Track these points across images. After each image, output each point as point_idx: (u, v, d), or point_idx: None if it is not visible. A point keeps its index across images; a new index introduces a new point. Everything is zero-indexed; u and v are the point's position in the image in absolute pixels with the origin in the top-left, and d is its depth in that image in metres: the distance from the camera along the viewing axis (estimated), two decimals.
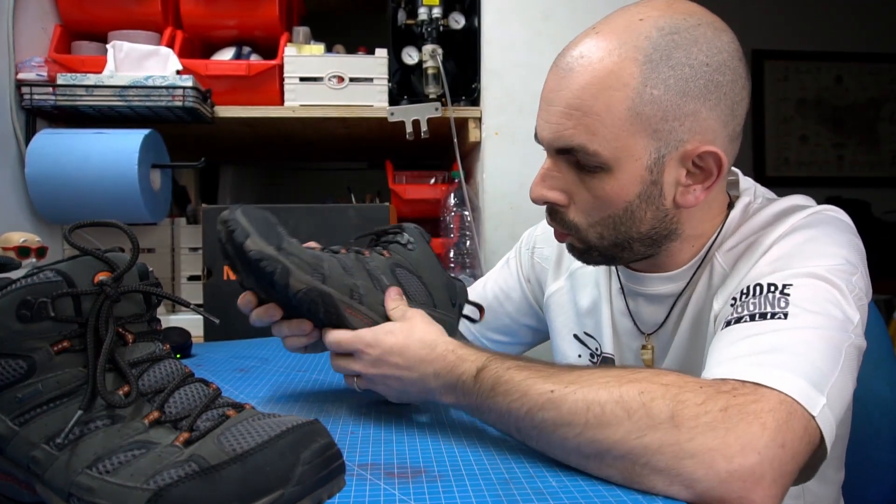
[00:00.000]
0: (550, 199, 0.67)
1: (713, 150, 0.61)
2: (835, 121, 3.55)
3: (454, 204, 1.47)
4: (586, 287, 0.83)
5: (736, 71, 0.63)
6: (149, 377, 0.41)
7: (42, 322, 0.38)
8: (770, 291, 0.58)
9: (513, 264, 0.95)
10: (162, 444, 0.38)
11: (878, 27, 3.50)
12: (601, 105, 0.60)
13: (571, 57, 0.63)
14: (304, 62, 1.41)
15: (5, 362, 0.38)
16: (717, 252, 0.68)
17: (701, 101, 0.61)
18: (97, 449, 0.37)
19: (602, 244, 0.67)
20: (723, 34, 0.63)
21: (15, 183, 1.28)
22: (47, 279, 0.39)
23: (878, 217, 3.25)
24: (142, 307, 0.43)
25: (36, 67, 1.29)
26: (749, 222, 0.67)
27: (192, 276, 1.42)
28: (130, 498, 0.35)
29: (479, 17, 1.42)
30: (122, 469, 0.36)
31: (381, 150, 1.75)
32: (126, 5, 1.43)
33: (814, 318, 0.55)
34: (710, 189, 0.64)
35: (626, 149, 0.61)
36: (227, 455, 0.36)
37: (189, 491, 0.35)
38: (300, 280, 0.62)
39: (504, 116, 1.42)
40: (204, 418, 0.39)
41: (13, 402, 0.38)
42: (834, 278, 0.58)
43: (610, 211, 0.64)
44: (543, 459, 0.54)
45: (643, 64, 0.59)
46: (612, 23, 0.63)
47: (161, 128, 1.35)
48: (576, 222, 0.67)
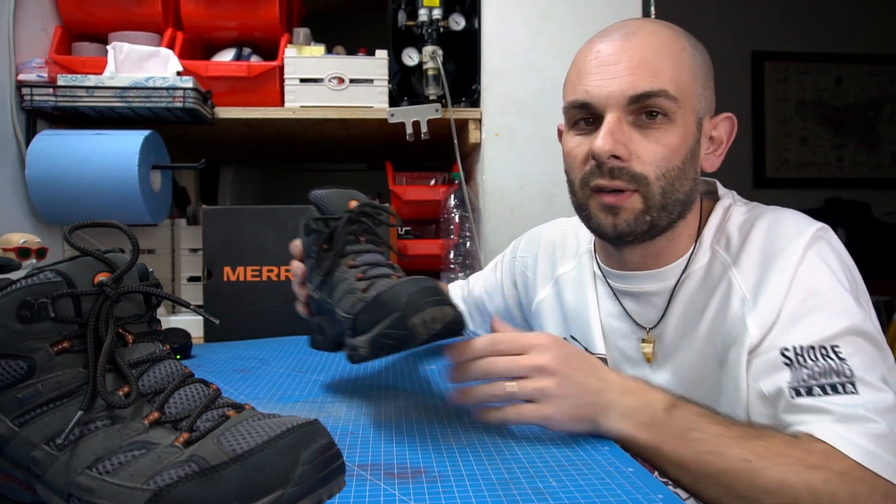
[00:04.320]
0: (619, 152, 0.69)
1: (730, 115, 0.75)
2: (835, 122, 3.56)
3: (454, 205, 1.47)
4: (570, 292, 0.86)
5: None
6: (149, 378, 0.41)
7: (42, 323, 0.38)
8: (825, 356, 0.61)
9: (498, 270, 1.00)
10: (162, 444, 0.37)
11: (878, 28, 3.50)
12: (672, 60, 0.70)
13: (625, 30, 0.72)
14: (305, 63, 1.41)
15: (5, 363, 0.38)
16: (717, 246, 0.73)
17: (711, 83, 0.74)
18: (97, 449, 0.37)
19: (660, 202, 0.70)
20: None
21: (15, 184, 1.28)
22: (47, 280, 0.39)
23: (878, 218, 3.26)
24: (142, 308, 0.43)
25: (36, 68, 1.29)
26: (752, 237, 0.71)
27: (192, 276, 1.42)
28: (130, 498, 0.35)
29: (480, 19, 1.42)
30: (122, 469, 0.36)
31: (382, 151, 1.75)
32: (126, 6, 1.43)
33: (877, 388, 0.59)
34: (721, 156, 0.76)
35: (689, 100, 0.70)
36: (226, 455, 0.36)
37: (189, 491, 0.35)
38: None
39: (504, 118, 1.42)
40: (204, 419, 0.39)
41: (13, 402, 0.38)
42: (860, 324, 0.63)
43: (675, 162, 0.70)
44: (543, 459, 0.54)
45: (688, 40, 0.73)
46: (646, 20, 0.74)
47: (161, 129, 1.35)
48: (644, 174, 0.69)
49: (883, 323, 2.41)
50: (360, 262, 0.67)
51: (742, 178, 3.50)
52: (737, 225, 0.73)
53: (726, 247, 0.72)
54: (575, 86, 0.72)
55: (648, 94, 0.68)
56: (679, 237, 0.75)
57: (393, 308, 0.56)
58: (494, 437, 0.60)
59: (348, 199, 0.72)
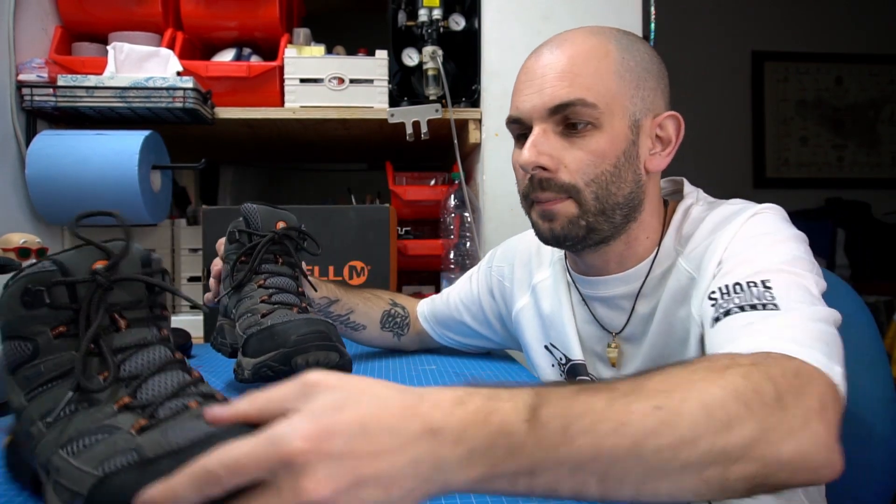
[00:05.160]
0: (543, 163, 0.70)
1: (674, 113, 0.73)
2: (835, 122, 3.56)
3: (454, 205, 1.47)
4: (546, 300, 0.87)
5: (662, 68, 0.75)
6: (132, 363, 0.42)
7: (41, 308, 0.41)
8: (752, 286, 0.59)
9: (474, 281, 1.00)
10: (123, 429, 0.38)
11: (878, 28, 3.50)
12: (591, 68, 0.69)
13: (552, 44, 0.72)
14: (305, 63, 1.41)
15: (16, 344, 0.42)
16: (680, 258, 0.73)
17: (655, 81, 0.73)
18: (72, 431, 0.39)
19: (595, 207, 0.71)
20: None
21: (15, 184, 1.28)
22: (43, 269, 0.42)
23: (878, 218, 3.26)
24: (141, 294, 0.44)
25: (36, 69, 1.29)
26: (702, 225, 0.72)
27: (192, 276, 1.42)
28: (81, 481, 0.36)
29: (480, 19, 1.42)
30: (85, 452, 0.38)
31: (382, 151, 1.75)
32: (126, 6, 1.43)
33: (802, 307, 0.57)
34: (670, 155, 0.74)
35: (614, 104, 0.69)
36: (163, 449, 0.36)
37: (125, 481, 0.35)
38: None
39: (504, 118, 1.42)
40: (167, 407, 0.39)
41: (24, 379, 0.42)
42: (797, 269, 0.61)
43: (603, 167, 0.70)
44: None
45: (617, 44, 0.71)
46: (577, 29, 0.73)
47: (161, 129, 1.35)
48: (572, 182, 0.70)
49: (882, 323, 2.41)
50: (269, 284, 0.70)
51: (742, 178, 3.50)
52: (691, 221, 0.74)
53: (683, 246, 0.73)
54: (511, 102, 0.75)
55: (566, 103, 0.68)
56: (636, 239, 0.75)
57: (281, 343, 0.59)
58: None
59: (277, 219, 0.75)
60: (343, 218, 1.23)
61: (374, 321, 1.00)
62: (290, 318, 0.62)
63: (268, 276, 0.70)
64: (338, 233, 1.23)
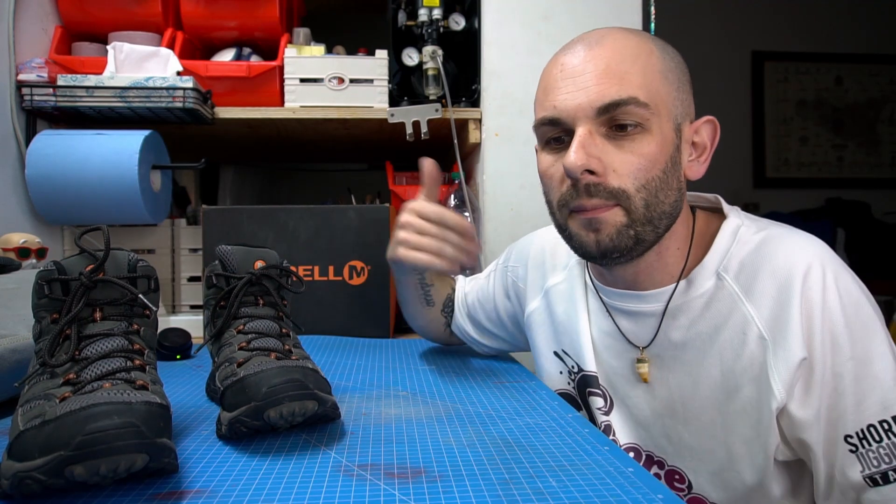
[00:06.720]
0: (592, 166, 0.65)
1: (711, 118, 0.71)
2: (835, 122, 3.56)
3: (454, 205, 1.47)
4: (560, 305, 0.84)
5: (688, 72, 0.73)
6: (91, 347, 0.52)
7: (44, 299, 0.54)
8: (889, 433, 0.60)
9: (491, 279, 1.00)
10: (54, 398, 0.47)
11: (878, 28, 3.51)
12: (639, 66, 0.66)
13: (588, 40, 0.68)
14: (305, 63, 1.41)
15: (34, 323, 0.55)
16: (724, 273, 0.68)
17: (689, 85, 0.71)
18: (29, 394, 0.50)
19: (644, 215, 0.66)
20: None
21: (15, 184, 1.28)
22: (47, 269, 0.55)
23: (878, 218, 3.26)
24: (119, 293, 0.55)
25: (36, 68, 1.29)
26: (761, 260, 0.67)
27: (192, 276, 1.42)
28: (13, 434, 0.46)
29: (480, 19, 1.43)
30: (28, 412, 0.47)
31: (382, 151, 1.75)
32: (126, 6, 1.43)
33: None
34: (706, 163, 0.71)
35: (661, 106, 0.66)
36: (54, 415, 0.44)
37: (26, 438, 0.44)
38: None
39: (504, 118, 1.43)
40: (91, 385, 0.48)
41: (35, 352, 0.54)
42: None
43: (654, 172, 0.66)
44: (543, 459, 0.54)
45: (655, 44, 0.69)
46: (609, 28, 0.70)
47: (161, 129, 1.35)
48: (623, 188, 0.65)
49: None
50: (248, 329, 0.66)
51: (742, 178, 3.50)
52: (746, 252, 0.68)
53: (736, 276, 0.68)
54: (542, 102, 0.69)
55: (618, 102, 0.64)
56: (667, 249, 0.71)
57: (252, 396, 0.55)
58: (494, 437, 0.60)
59: (255, 258, 0.71)
60: (343, 218, 1.23)
61: (440, 302, 1.02)
62: (263, 367, 0.58)
63: (247, 321, 0.67)
64: (338, 233, 1.23)
